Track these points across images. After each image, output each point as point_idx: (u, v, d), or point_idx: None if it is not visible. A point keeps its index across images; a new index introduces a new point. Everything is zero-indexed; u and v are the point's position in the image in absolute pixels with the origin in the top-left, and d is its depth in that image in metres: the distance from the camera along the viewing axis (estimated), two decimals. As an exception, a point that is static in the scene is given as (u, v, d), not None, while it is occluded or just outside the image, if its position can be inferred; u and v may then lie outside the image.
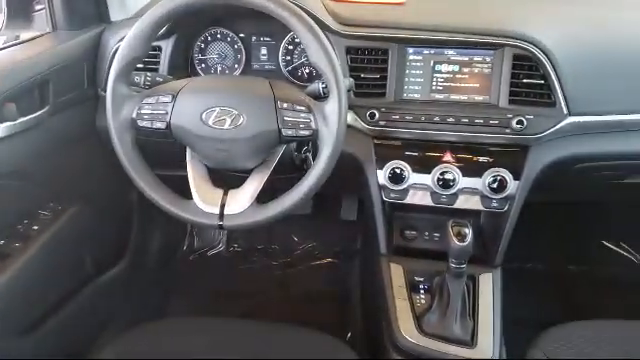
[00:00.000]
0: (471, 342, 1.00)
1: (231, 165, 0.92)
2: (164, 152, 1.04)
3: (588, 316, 1.00)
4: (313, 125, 0.87)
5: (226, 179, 0.97)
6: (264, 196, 0.93)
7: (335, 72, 0.86)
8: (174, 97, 0.89)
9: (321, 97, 0.92)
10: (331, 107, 0.86)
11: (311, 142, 1.06)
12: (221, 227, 0.90)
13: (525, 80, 1.06)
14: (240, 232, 1.96)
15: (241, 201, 0.91)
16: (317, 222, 1.93)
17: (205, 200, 0.91)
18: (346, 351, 0.94)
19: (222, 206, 0.90)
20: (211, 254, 1.94)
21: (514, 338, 1.03)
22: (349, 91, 0.99)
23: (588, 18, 1.18)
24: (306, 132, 0.87)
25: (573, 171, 1.14)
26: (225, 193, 0.92)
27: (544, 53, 1.04)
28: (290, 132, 0.87)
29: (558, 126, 1.06)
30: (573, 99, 1.05)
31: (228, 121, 0.87)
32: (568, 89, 1.05)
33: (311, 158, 1.09)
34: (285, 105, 0.87)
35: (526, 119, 1.05)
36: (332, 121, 0.86)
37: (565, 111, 1.05)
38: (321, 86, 0.93)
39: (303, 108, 0.87)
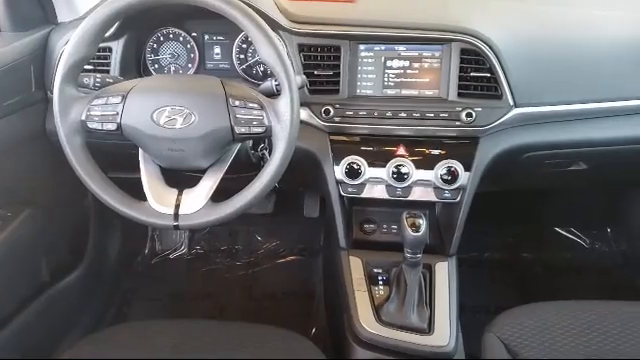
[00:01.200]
0: (428, 329, 1.03)
1: (185, 164, 0.92)
2: (120, 155, 1.03)
3: (542, 300, 1.04)
4: (266, 122, 0.87)
5: (181, 179, 0.97)
6: (223, 196, 0.93)
7: (286, 69, 0.86)
8: (124, 97, 0.88)
9: (274, 94, 0.93)
10: (283, 104, 0.87)
11: (267, 139, 1.06)
12: (176, 227, 0.90)
13: (473, 74, 1.09)
14: (202, 234, 1.95)
15: (196, 201, 0.90)
16: (280, 220, 1.93)
17: (159, 201, 0.90)
18: (308, 346, 0.95)
19: (177, 206, 0.90)
20: (173, 257, 1.92)
21: (472, 324, 1.07)
22: (302, 88, 1.00)
23: (532, 13, 1.22)
24: (259, 129, 0.87)
25: (521, 160, 1.18)
26: (180, 193, 0.92)
27: (490, 47, 1.07)
28: (243, 129, 0.87)
29: (505, 117, 1.10)
30: (518, 91, 1.09)
31: (180, 120, 0.87)
32: (513, 82, 1.09)
33: (268, 155, 1.10)
34: (237, 103, 0.87)
35: (475, 111, 1.09)
36: (285, 118, 0.87)
37: (511, 103, 1.10)
38: (274, 83, 0.94)
39: (255, 105, 0.88)
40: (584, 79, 1.13)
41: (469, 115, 1.09)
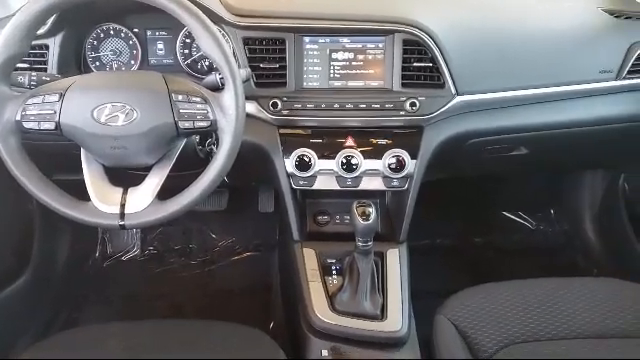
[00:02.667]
0: (381, 316, 1.05)
1: (129, 162, 0.90)
2: (63, 156, 1.00)
3: (492, 281, 1.09)
4: (211, 116, 0.87)
5: (126, 177, 0.94)
6: (172, 194, 0.92)
7: (229, 62, 0.86)
8: (62, 95, 0.85)
9: (219, 88, 0.92)
10: (228, 97, 0.87)
11: (214, 134, 1.05)
12: (122, 227, 0.88)
13: (415, 64, 1.12)
14: (155, 234, 1.91)
15: (142, 199, 0.89)
16: (235, 217, 1.92)
17: (103, 200, 0.88)
18: (264, 340, 0.95)
19: (122, 205, 0.88)
20: (126, 259, 1.87)
21: (425, 309, 1.09)
22: (247, 81, 1.00)
23: (472, 4, 1.26)
24: (204, 123, 0.87)
25: (465, 147, 1.22)
26: (125, 192, 0.90)
27: (431, 38, 1.10)
28: (187, 124, 0.86)
29: (448, 106, 1.13)
30: (460, 80, 1.13)
31: (121, 117, 0.85)
32: (455, 71, 1.12)
33: (216, 150, 1.08)
34: (180, 97, 0.86)
35: (418, 101, 1.11)
36: (230, 111, 0.87)
37: (453, 91, 1.13)
38: (218, 77, 0.93)
39: (199, 99, 0.87)
40: (522, 67, 1.17)
41: (413, 105, 1.11)
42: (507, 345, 0.96)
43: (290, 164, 1.14)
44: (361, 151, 1.14)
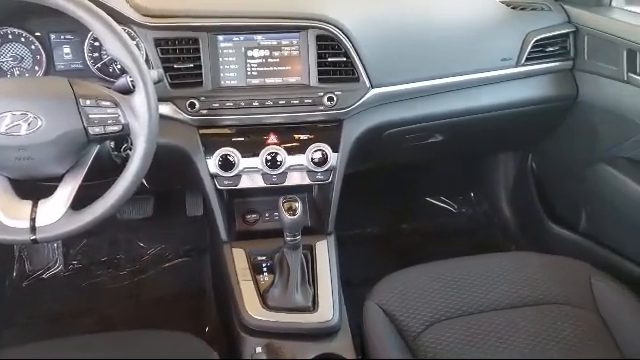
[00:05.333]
0: (313, 307, 1.07)
1: (37, 173, 0.86)
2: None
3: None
4: (122, 120, 0.84)
5: (35, 189, 0.90)
6: (90, 203, 0.88)
7: (137, 63, 0.84)
8: None
9: (131, 91, 0.90)
10: (139, 99, 0.85)
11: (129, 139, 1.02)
12: (35, 241, 0.84)
13: (330, 59, 1.14)
14: (79, 247, 1.82)
15: (54, 210, 0.85)
16: (163, 223, 1.87)
17: (11, 215, 0.84)
18: (196, 344, 0.94)
19: (32, 219, 0.84)
20: (48, 276, 1.77)
21: (359, 298, 1.12)
22: (159, 82, 0.98)
23: (382, -1, 1.31)
24: (116, 128, 0.84)
25: (383, 138, 1.27)
26: (35, 204, 0.85)
27: (343, 33, 1.12)
28: (98, 129, 0.83)
29: (364, 98, 1.17)
30: (374, 73, 1.16)
31: (24, 126, 0.80)
32: (368, 64, 1.15)
33: None
34: (88, 102, 0.83)
35: (336, 95, 1.14)
36: (141, 114, 0.85)
37: (368, 84, 1.16)
38: (129, 79, 0.90)
39: (109, 103, 0.84)
40: (430, 58, 1.23)
41: (331, 99, 1.14)
42: (433, 323, 1.00)
43: (213, 164, 1.13)
44: (284, 147, 1.15)
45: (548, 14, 1.33)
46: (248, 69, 1.14)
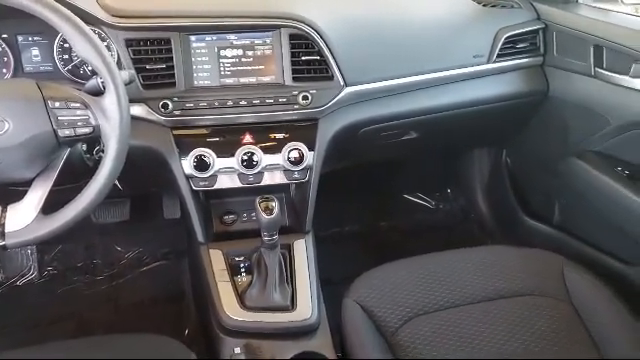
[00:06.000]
0: (291, 306, 1.07)
1: (5, 177, 0.84)
2: None
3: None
4: (93, 122, 0.83)
5: (5, 194, 0.88)
6: (61, 208, 0.87)
7: (107, 64, 0.83)
8: None
9: (102, 92, 0.88)
10: (109, 101, 0.84)
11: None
12: (4, 247, 0.82)
13: (304, 58, 1.14)
14: (54, 252, 1.79)
15: (24, 215, 0.83)
16: (140, 226, 1.84)
17: None
18: (175, 346, 0.93)
19: (2, 224, 0.82)
20: (22, 283, 1.73)
21: (338, 296, 1.13)
22: (130, 83, 0.97)
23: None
24: (86, 130, 0.83)
25: (359, 135, 1.27)
26: (4, 209, 0.84)
27: (316, 31, 1.13)
28: (68, 132, 0.82)
29: (338, 97, 1.17)
30: (348, 71, 1.17)
31: (-9, 129, 0.79)
32: (342, 63, 1.16)
33: None
34: (57, 104, 0.82)
35: (310, 94, 1.14)
36: (112, 115, 0.84)
37: (342, 83, 1.17)
38: (99, 81, 0.89)
39: (78, 105, 0.83)
40: (403, 56, 1.24)
41: (305, 98, 1.14)
42: (411, 318, 1.01)
43: (188, 165, 1.12)
44: (260, 147, 1.14)
45: (518, 11, 1.35)
46: (221, 69, 1.14)
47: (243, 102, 1.14)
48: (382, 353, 0.95)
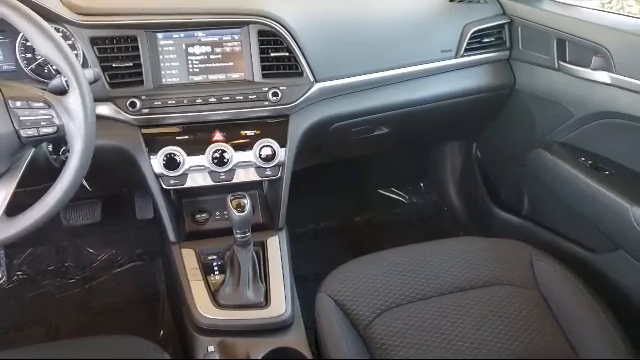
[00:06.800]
0: (265, 302, 1.07)
1: (-34, 179, 0.82)
2: None
3: None
4: (57, 121, 0.82)
5: None
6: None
7: (70, 62, 0.82)
8: None
9: (66, 91, 0.87)
10: (73, 100, 0.82)
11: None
12: None
13: (273, 54, 1.14)
14: (23, 257, 1.75)
15: None
16: (112, 228, 1.82)
17: None
18: (145, 344, 0.93)
19: None
20: None
21: (314, 292, 1.13)
22: (95, 81, 0.95)
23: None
24: (50, 129, 0.82)
25: (330, 132, 1.28)
26: None
27: (284, 28, 1.13)
28: (30, 132, 0.81)
29: (308, 93, 1.17)
30: (317, 67, 1.17)
31: (-51, 131, 0.77)
32: (311, 59, 1.16)
33: None
34: (18, 103, 0.80)
35: (280, 90, 1.14)
36: (77, 114, 0.82)
37: (312, 79, 1.17)
38: (63, 80, 0.87)
39: (41, 104, 0.81)
40: (372, 51, 1.25)
41: (275, 94, 1.14)
42: (383, 311, 1.03)
43: (157, 164, 1.11)
44: (231, 144, 1.14)
45: (484, 6, 1.38)
46: (190, 66, 1.13)
47: (212, 99, 1.13)
48: (355, 346, 0.96)
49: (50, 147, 0.99)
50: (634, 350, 0.95)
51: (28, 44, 1.09)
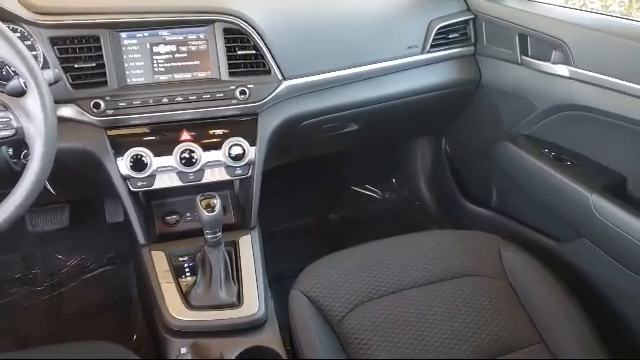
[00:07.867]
0: (238, 302, 1.06)
1: None
2: None
3: None
4: (15, 124, 0.80)
5: None
6: None
7: (26, 63, 0.80)
8: None
9: (25, 93, 0.85)
10: (31, 101, 0.80)
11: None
12: None
13: (240, 52, 1.14)
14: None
15: None
16: (81, 232, 1.78)
17: None
18: (114, 348, 0.91)
19: None
20: None
21: (288, 290, 1.13)
22: (56, 82, 0.93)
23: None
24: (8, 132, 0.80)
25: (300, 129, 1.28)
26: None
27: (250, 25, 1.12)
28: None
29: (277, 91, 1.17)
30: (285, 65, 1.17)
31: None
32: (278, 56, 1.16)
33: None
34: None
35: (248, 88, 1.14)
36: (36, 116, 0.80)
37: (280, 77, 1.17)
38: (21, 81, 0.85)
39: None
40: (339, 49, 1.25)
41: (243, 92, 1.13)
42: (356, 306, 1.03)
43: (124, 166, 1.09)
44: (200, 144, 1.13)
45: (448, 2, 1.39)
46: (155, 65, 1.11)
47: (179, 98, 1.12)
48: (328, 342, 0.97)
49: (10, 151, 0.96)
50: (599, 337, 0.98)
51: (-16, 45, 1.06)
